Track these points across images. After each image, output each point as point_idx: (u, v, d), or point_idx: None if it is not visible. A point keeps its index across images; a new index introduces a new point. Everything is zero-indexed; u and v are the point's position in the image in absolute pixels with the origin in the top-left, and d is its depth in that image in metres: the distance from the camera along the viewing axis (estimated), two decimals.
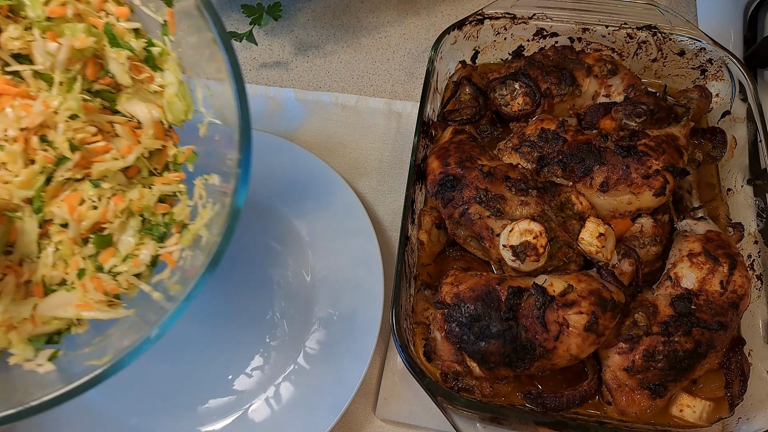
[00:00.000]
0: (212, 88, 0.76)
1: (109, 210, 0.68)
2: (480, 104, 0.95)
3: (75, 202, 0.68)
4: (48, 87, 0.69)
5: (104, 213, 0.68)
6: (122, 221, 0.69)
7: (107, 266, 0.69)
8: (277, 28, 1.26)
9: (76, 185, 0.69)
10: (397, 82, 1.20)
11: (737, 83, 0.94)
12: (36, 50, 0.68)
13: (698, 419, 0.76)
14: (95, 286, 0.68)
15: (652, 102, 0.88)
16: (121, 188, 0.71)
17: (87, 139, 0.69)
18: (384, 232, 1.04)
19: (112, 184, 0.70)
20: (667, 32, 0.97)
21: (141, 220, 0.71)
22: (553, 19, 1.00)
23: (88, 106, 0.70)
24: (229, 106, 0.70)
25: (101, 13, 0.74)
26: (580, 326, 0.71)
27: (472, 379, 0.76)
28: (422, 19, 1.27)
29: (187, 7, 0.72)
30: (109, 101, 0.75)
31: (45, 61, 0.68)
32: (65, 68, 0.69)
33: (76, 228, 0.67)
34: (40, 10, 0.67)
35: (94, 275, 0.69)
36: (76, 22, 0.69)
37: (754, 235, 0.86)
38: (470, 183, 0.81)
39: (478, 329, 0.73)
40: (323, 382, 0.89)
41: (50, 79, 0.68)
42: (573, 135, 0.86)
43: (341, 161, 1.10)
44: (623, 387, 0.75)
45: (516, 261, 0.77)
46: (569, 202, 0.83)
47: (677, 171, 0.83)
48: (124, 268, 0.69)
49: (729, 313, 0.75)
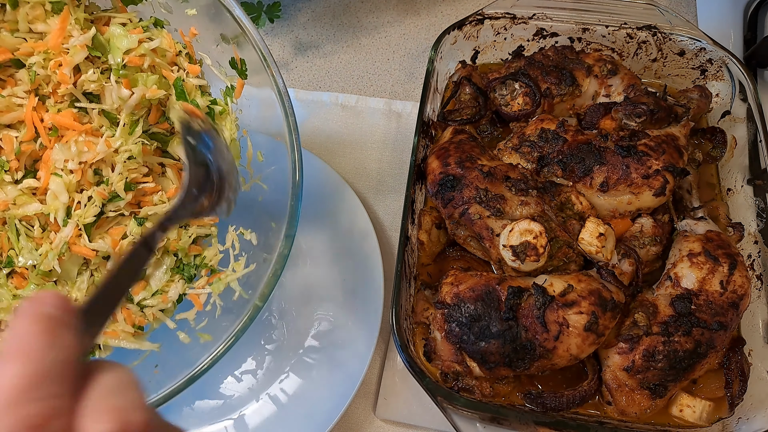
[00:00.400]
0: (265, 155, 0.83)
1: None
2: (480, 104, 0.95)
3: (118, 236, 0.72)
4: (110, 125, 0.73)
5: None
6: (158, 258, 0.74)
7: (137, 298, 0.72)
8: (277, 28, 1.26)
9: (120, 219, 0.73)
10: (397, 82, 1.20)
11: (737, 83, 0.94)
12: (108, 92, 0.73)
13: (698, 419, 0.76)
14: (125, 316, 0.72)
15: (652, 102, 0.88)
16: None
17: (138, 179, 0.74)
18: (384, 232, 1.04)
19: (154, 222, 0.74)
20: (667, 32, 0.97)
21: (175, 258, 0.75)
22: (553, 19, 1.00)
23: (145, 149, 0.74)
24: (281, 178, 0.77)
25: (173, 67, 0.79)
26: (580, 326, 0.71)
27: (472, 379, 0.76)
28: (422, 19, 1.27)
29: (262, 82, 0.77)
30: (162, 143, 0.79)
31: (113, 103, 0.73)
32: (131, 112, 0.73)
33: (115, 261, 0.71)
34: (119, 58, 0.72)
35: (125, 306, 0.72)
36: (150, 73, 0.73)
37: (754, 235, 0.86)
38: (470, 183, 0.81)
39: (478, 329, 0.73)
40: (323, 382, 0.89)
41: (114, 117, 0.73)
42: (573, 135, 0.86)
43: (341, 161, 1.10)
44: (623, 387, 0.75)
45: (516, 261, 0.77)
46: (569, 202, 0.83)
47: (677, 171, 0.83)
48: (152, 303, 0.73)
49: (729, 313, 0.75)
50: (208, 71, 0.82)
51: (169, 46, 0.76)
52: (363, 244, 0.96)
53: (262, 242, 0.79)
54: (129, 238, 0.73)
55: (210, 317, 0.77)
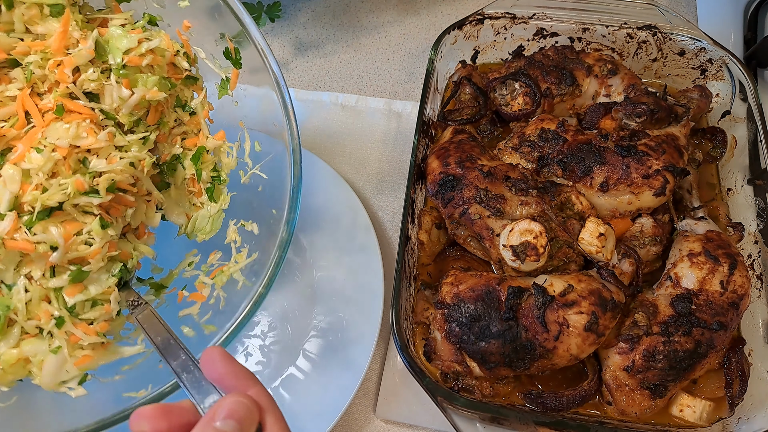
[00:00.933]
0: (263, 143, 0.83)
1: (100, 252, 0.67)
2: (480, 104, 0.95)
3: (73, 231, 0.66)
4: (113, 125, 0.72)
5: (95, 253, 0.67)
6: (103, 266, 0.69)
7: (71, 301, 0.67)
8: (277, 28, 1.26)
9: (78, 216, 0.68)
10: (397, 82, 1.20)
11: (737, 83, 0.94)
12: (107, 92, 0.72)
13: (698, 419, 0.76)
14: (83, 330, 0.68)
15: (652, 102, 0.88)
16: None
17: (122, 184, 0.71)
18: (384, 232, 1.04)
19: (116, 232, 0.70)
20: (667, 32, 0.97)
21: (122, 266, 0.71)
22: (553, 19, 1.00)
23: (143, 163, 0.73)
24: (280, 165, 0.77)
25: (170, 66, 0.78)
26: (580, 326, 0.71)
27: (472, 379, 0.76)
28: (422, 19, 1.27)
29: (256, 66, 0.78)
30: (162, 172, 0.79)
31: (113, 103, 0.72)
32: (130, 112, 0.72)
33: (61, 255, 0.65)
34: (119, 58, 0.71)
35: (75, 320, 0.68)
36: (150, 74, 0.73)
37: (754, 235, 0.86)
38: (470, 183, 0.81)
39: (478, 329, 0.73)
40: (323, 381, 0.89)
41: (113, 117, 0.72)
42: (573, 135, 0.86)
43: (341, 161, 1.10)
44: (623, 387, 0.75)
45: (516, 261, 0.77)
46: (569, 202, 0.83)
47: (677, 171, 0.83)
48: (92, 315, 0.68)
49: (729, 313, 0.75)
50: (202, 65, 0.82)
51: (168, 45, 0.76)
52: (363, 244, 0.96)
53: (264, 231, 0.79)
54: (83, 236, 0.67)
55: (214, 309, 0.77)
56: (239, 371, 0.46)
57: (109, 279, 0.69)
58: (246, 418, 0.42)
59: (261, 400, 0.45)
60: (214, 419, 0.42)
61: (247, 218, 0.82)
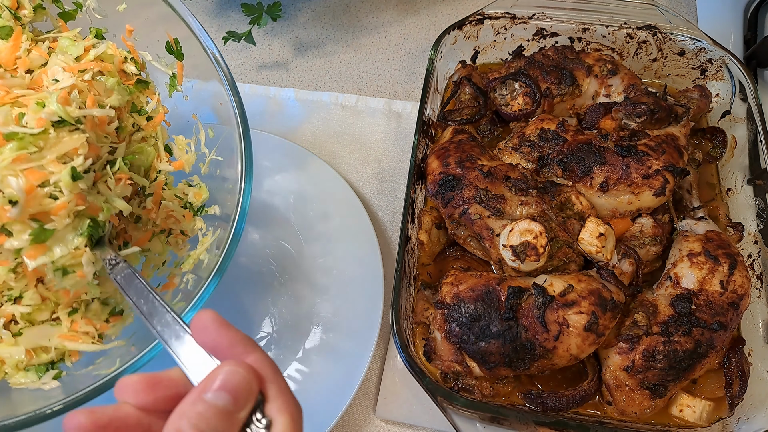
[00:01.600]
0: (216, 129, 0.81)
1: (67, 207, 0.58)
2: (480, 104, 0.95)
3: (37, 181, 0.56)
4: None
5: (59, 208, 0.57)
6: (71, 223, 0.59)
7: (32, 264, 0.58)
8: (277, 28, 1.26)
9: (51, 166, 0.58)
10: (397, 82, 1.20)
11: (737, 83, 0.94)
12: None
13: (698, 419, 0.76)
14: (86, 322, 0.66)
15: (652, 102, 0.88)
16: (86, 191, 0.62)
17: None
18: (384, 232, 1.04)
19: (88, 184, 0.61)
20: (667, 32, 0.97)
21: (89, 222, 0.61)
22: (553, 19, 1.00)
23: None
24: (231, 143, 0.74)
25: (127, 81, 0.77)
26: (580, 326, 0.71)
27: (472, 379, 0.76)
28: (422, 19, 1.27)
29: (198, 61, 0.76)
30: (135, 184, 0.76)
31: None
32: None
33: (22, 209, 0.55)
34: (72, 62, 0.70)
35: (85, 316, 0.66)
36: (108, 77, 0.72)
37: (754, 235, 0.86)
38: (470, 183, 0.81)
39: (478, 329, 0.73)
40: (323, 381, 0.89)
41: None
42: (573, 135, 0.86)
43: (341, 161, 1.10)
44: (623, 387, 0.75)
45: (516, 261, 0.77)
46: (569, 202, 0.83)
47: (677, 171, 0.83)
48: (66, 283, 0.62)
49: (729, 313, 0.75)
50: (152, 70, 0.83)
51: (115, 52, 0.76)
52: (363, 244, 0.96)
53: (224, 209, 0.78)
54: (49, 188, 0.57)
55: (184, 291, 0.76)
56: (235, 336, 0.40)
57: (76, 239, 0.59)
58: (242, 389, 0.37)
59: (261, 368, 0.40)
60: (205, 391, 0.37)
61: (210, 204, 0.80)
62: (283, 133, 1.09)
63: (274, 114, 1.15)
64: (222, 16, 1.29)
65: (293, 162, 1.03)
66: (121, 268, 0.59)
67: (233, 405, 0.37)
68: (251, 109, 1.15)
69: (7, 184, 0.55)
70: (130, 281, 0.56)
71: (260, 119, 1.14)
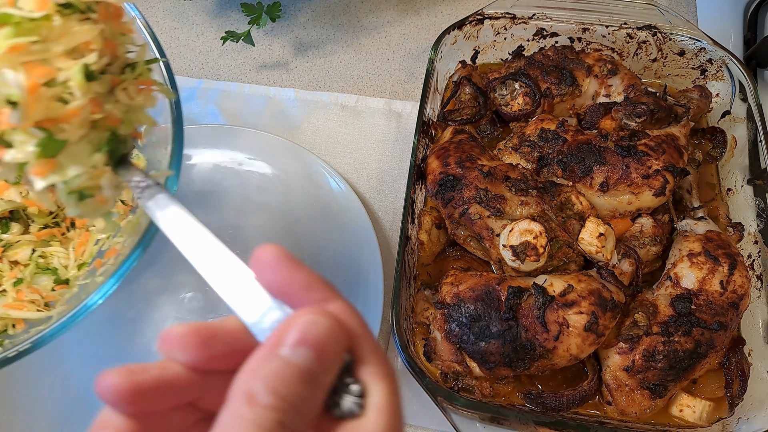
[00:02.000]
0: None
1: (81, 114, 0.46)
2: (480, 104, 0.95)
3: (41, 78, 0.44)
4: None
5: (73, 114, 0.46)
6: (86, 135, 0.47)
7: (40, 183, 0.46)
8: (277, 28, 1.26)
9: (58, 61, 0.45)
10: (397, 82, 1.20)
11: (737, 83, 0.94)
12: None
13: (698, 419, 0.76)
14: (32, 291, 0.64)
15: (652, 102, 0.88)
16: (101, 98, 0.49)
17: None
18: (384, 232, 1.04)
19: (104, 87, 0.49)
20: (667, 32, 0.97)
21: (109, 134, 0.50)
22: (553, 19, 1.00)
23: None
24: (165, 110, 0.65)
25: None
26: (580, 326, 0.71)
27: (472, 379, 0.76)
28: (422, 19, 1.27)
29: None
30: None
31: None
32: None
33: (25, 112, 0.43)
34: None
35: (30, 285, 0.63)
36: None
37: (754, 235, 0.86)
38: (470, 183, 0.81)
39: (478, 329, 0.73)
40: None
41: None
42: (573, 135, 0.86)
43: (341, 161, 1.10)
44: (623, 387, 0.75)
45: (516, 261, 0.77)
46: (569, 202, 0.83)
47: (677, 171, 0.83)
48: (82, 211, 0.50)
49: (729, 313, 0.75)
50: None
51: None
52: (363, 244, 0.96)
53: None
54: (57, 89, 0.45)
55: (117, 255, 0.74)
56: (311, 278, 0.31)
57: (94, 155, 0.48)
58: (327, 344, 0.28)
59: (347, 320, 0.31)
60: (280, 345, 0.28)
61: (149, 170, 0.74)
62: (283, 133, 1.09)
63: (274, 114, 1.15)
64: (222, 16, 1.29)
65: (293, 162, 1.03)
66: (152, 191, 0.46)
67: (317, 364, 0.27)
68: (251, 109, 1.15)
69: (4, 79, 0.42)
70: (164, 208, 0.44)
71: (260, 119, 1.14)
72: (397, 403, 0.29)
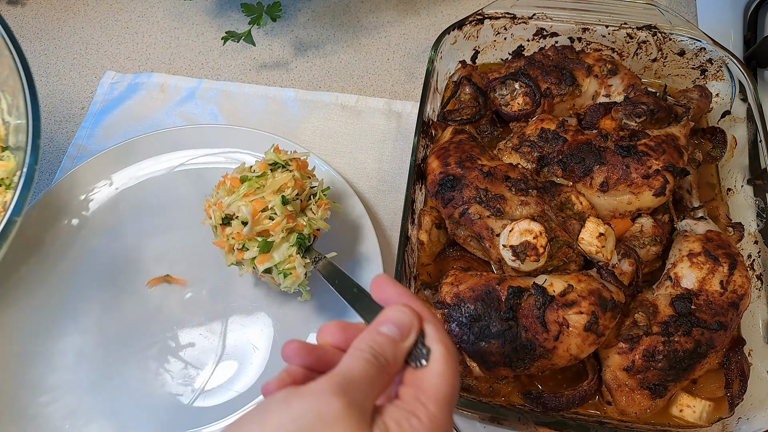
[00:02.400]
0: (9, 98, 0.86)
1: (280, 225, 0.81)
2: (480, 104, 0.95)
3: (259, 207, 0.81)
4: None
5: (275, 225, 0.81)
6: (284, 237, 0.82)
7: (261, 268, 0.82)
8: (277, 28, 1.26)
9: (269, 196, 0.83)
10: (397, 82, 1.20)
11: (737, 83, 0.94)
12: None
13: (698, 419, 0.76)
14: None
15: (652, 102, 0.88)
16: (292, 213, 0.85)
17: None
18: (384, 232, 1.04)
19: (295, 208, 0.84)
20: (667, 32, 0.97)
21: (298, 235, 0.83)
22: (553, 19, 1.00)
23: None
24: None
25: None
26: (580, 326, 0.71)
27: (472, 379, 0.76)
28: (422, 19, 1.27)
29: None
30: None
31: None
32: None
33: (251, 228, 0.80)
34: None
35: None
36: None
37: (754, 235, 0.86)
38: (470, 183, 0.81)
39: (478, 329, 0.73)
40: None
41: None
42: (573, 135, 0.86)
43: (341, 161, 1.10)
44: (623, 387, 0.75)
45: (516, 261, 0.77)
46: (569, 202, 0.83)
47: (677, 171, 0.83)
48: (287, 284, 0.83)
49: (729, 313, 0.75)
50: None
51: None
52: (363, 244, 0.96)
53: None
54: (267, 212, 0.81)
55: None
56: (403, 292, 0.52)
57: (289, 248, 0.82)
58: (405, 323, 0.48)
59: (421, 310, 0.50)
60: (378, 325, 0.49)
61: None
62: (283, 133, 1.09)
63: (274, 114, 1.15)
64: (222, 16, 1.29)
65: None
66: (322, 262, 0.80)
67: (399, 334, 0.47)
68: (251, 109, 1.15)
69: (241, 211, 0.80)
70: (328, 268, 0.78)
71: (260, 119, 1.14)
72: (450, 358, 0.47)
